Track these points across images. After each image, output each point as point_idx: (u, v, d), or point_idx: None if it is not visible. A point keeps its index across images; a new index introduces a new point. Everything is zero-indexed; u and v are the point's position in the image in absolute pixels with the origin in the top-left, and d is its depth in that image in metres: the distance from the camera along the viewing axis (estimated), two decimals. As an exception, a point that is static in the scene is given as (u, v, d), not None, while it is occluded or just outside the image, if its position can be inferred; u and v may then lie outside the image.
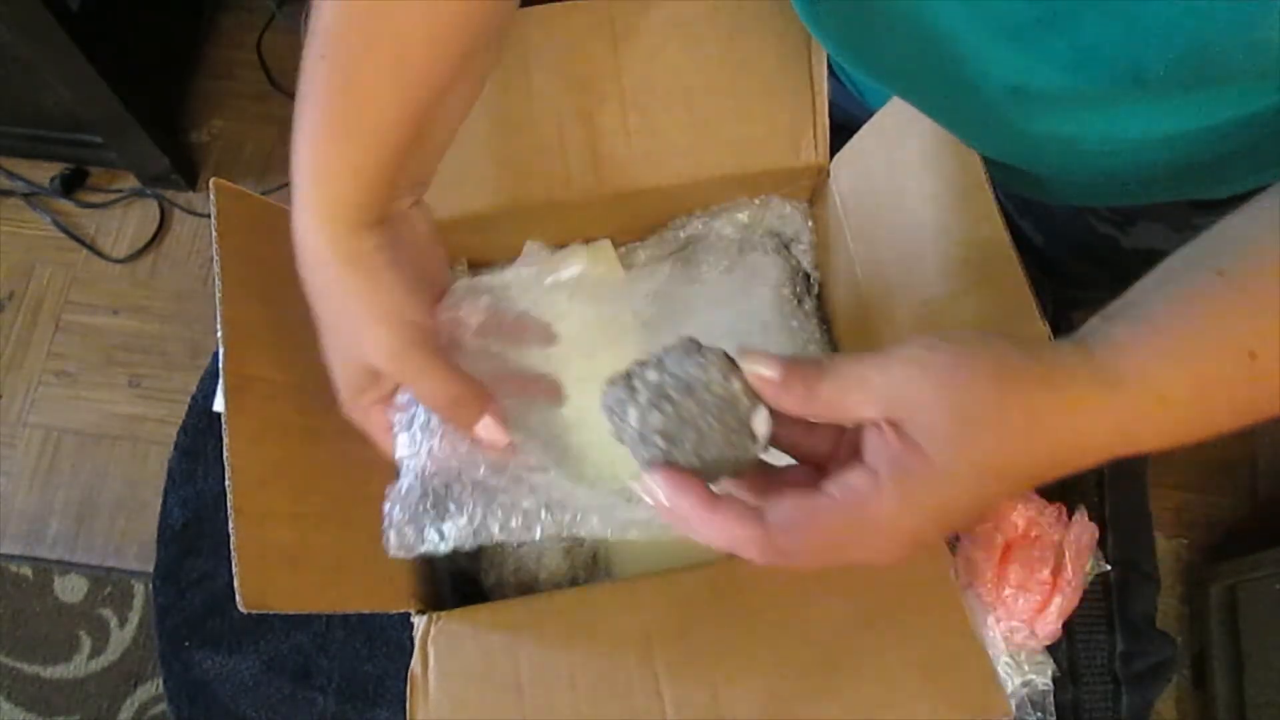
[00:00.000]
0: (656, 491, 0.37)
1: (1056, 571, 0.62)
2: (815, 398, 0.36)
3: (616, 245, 0.72)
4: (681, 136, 0.64)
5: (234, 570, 0.44)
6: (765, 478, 0.40)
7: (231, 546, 0.44)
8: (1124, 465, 0.73)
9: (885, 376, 0.35)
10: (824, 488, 0.36)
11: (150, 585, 0.76)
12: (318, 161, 0.43)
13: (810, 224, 0.71)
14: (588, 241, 0.73)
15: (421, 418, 0.45)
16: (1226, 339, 0.34)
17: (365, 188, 0.43)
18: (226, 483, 0.46)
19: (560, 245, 0.73)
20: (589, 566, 0.65)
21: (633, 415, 0.38)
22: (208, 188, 0.51)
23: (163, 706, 1.32)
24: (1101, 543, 0.67)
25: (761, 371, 0.37)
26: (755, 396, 0.37)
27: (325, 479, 0.53)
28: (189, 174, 1.57)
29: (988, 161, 0.54)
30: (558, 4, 0.61)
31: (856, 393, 0.36)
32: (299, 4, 1.57)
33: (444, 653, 0.53)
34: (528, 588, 0.62)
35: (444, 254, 0.50)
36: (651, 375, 0.38)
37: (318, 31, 0.42)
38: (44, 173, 1.56)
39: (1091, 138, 0.51)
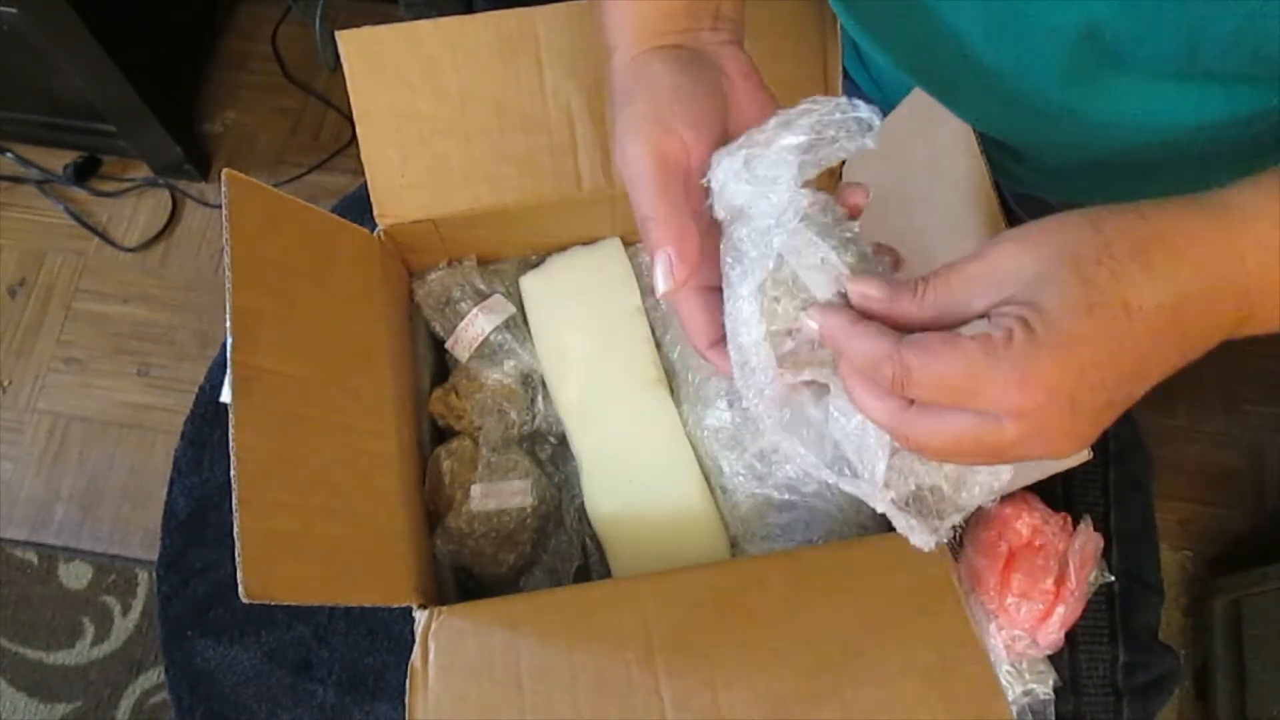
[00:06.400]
0: (812, 320, 0.39)
1: (1060, 581, 0.62)
2: (925, 305, 0.38)
3: (626, 244, 0.72)
4: (693, 137, 0.64)
5: (237, 560, 0.44)
6: None
7: (235, 536, 0.45)
8: (1130, 476, 0.72)
9: (984, 263, 0.37)
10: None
11: (154, 574, 0.77)
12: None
13: (820, 227, 0.71)
14: (597, 240, 0.73)
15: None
16: None
17: (659, 14, 0.46)
18: (231, 473, 0.46)
19: (570, 244, 0.73)
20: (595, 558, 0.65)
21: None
22: (220, 179, 0.51)
23: (164, 695, 1.32)
24: (1106, 553, 0.67)
25: (870, 292, 0.39)
26: None
27: (330, 471, 0.53)
28: (201, 164, 1.57)
29: (1006, 153, 0.53)
30: (571, 3, 0.61)
31: (961, 290, 0.37)
32: (314, -2, 1.58)
33: (445, 647, 0.53)
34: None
35: (759, 96, 0.48)
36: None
37: None
38: (57, 160, 1.57)
39: (1134, 117, 0.51)
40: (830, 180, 0.67)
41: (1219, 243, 0.35)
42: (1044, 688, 0.64)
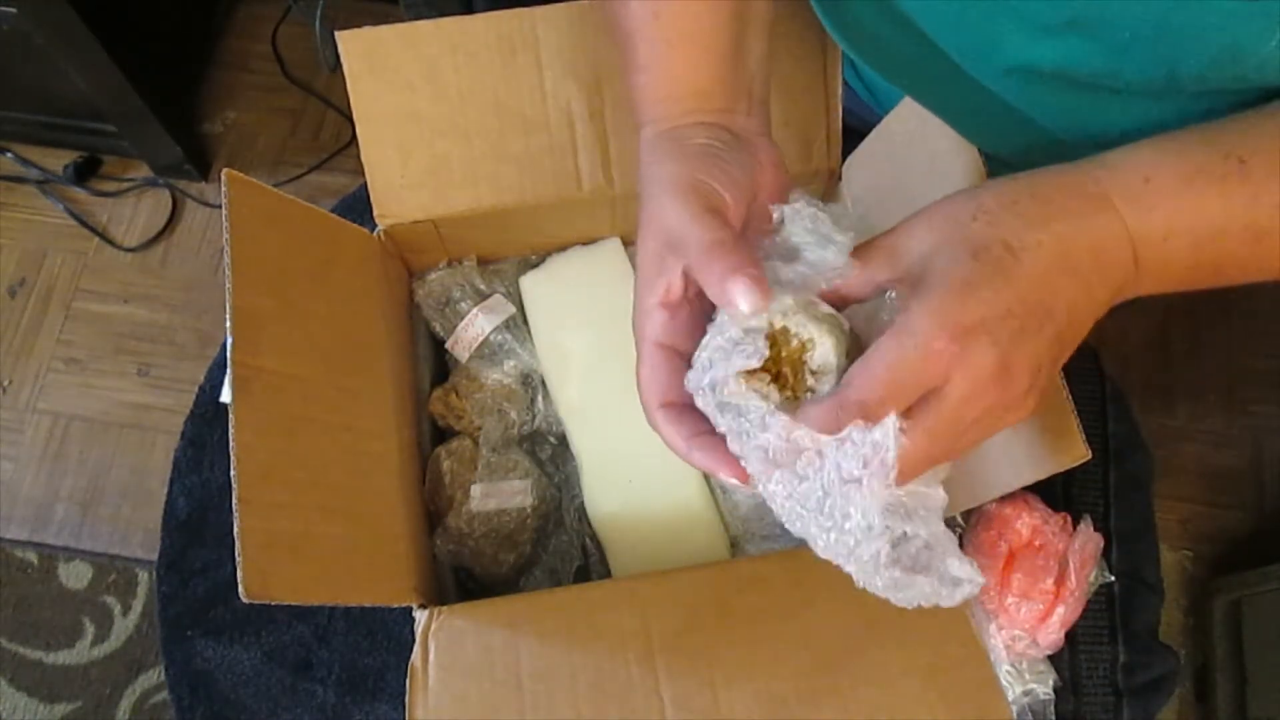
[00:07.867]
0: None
1: (1060, 581, 0.62)
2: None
3: (626, 244, 0.72)
4: (693, 137, 0.64)
5: (237, 560, 0.44)
6: None
7: (235, 536, 0.45)
8: (1130, 476, 0.72)
9: (888, 238, 0.40)
10: None
11: (154, 574, 0.77)
12: (648, 74, 0.47)
13: (820, 227, 0.71)
14: (597, 241, 0.73)
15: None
16: (1215, 152, 0.38)
17: (696, 91, 0.46)
18: (231, 473, 0.46)
19: (570, 244, 0.73)
20: (594, 560, 0.65)
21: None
22: (220, 178, 0.51)
23: (164, 695, 1.33)
24: (1106, 553, 0.67)
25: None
26: None
27: (330, 471, 0.53)
28: (201, 164, 1.57)
29: (1001, 165, 0.54)
30: (570, 4, 0.61)
31: (871, 264, 0.40)
32: (314, -3, 1.58)
33: (445, 647, 0.53)
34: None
35: (786, 189, 0.47)
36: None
37: None
38: (57, 160, 1.57)
39: (1118, 130, 0.51)
40: (830, 181, 0.67)
41: (1085, 188, 0.38)
42: (1044, 688, 0.64)
